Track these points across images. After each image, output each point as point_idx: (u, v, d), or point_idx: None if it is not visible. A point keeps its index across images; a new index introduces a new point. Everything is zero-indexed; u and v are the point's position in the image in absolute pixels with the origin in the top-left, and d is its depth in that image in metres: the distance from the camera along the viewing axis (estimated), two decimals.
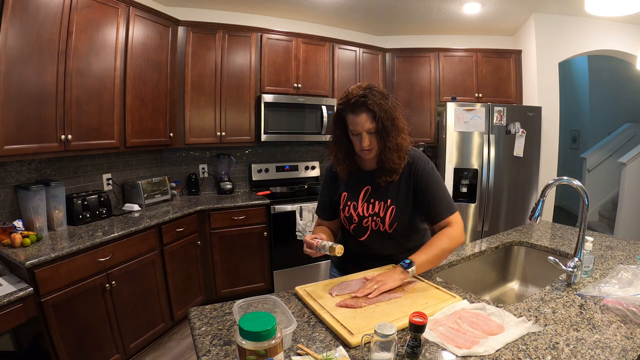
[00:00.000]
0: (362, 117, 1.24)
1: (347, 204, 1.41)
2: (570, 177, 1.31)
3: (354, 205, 1.40)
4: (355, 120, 1.25)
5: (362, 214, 1.39)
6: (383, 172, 1.33)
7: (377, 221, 1.37)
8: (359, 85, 1.28)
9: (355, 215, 1.40)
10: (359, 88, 1.25)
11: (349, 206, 1.41)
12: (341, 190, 1.44)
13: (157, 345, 2.48)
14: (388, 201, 1.35)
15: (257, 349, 0.74)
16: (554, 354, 0.88)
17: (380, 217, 1.36)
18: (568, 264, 1.27)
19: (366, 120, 1.24)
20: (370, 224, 1.38)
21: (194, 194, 3.28)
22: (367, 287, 1.18)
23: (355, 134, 1.28)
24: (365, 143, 1.26)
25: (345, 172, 1.40)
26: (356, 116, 1.24)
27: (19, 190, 2.06)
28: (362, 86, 1.26)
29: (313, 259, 3.24)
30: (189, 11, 3.19)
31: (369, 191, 1.38)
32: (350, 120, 1.26)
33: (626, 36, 3.50)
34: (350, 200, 1.41)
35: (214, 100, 3.09)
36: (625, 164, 4.15)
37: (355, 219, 1.40)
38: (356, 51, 3.68)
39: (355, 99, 1.23)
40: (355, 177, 1.41)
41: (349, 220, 1.42)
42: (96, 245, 1.96)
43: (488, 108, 3.33)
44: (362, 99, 1.22)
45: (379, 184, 1.36)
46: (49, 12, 1.94)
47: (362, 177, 1.40)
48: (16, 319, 1.56)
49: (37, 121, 1.93)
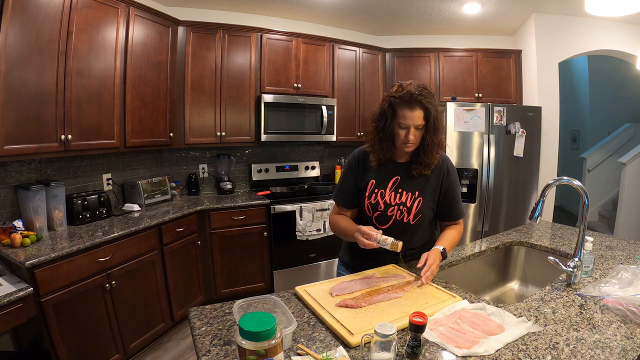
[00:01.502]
0: (416, 112, 1.30)
1: (375, 191, 1.44)
2: (570, 177, 1.32)
3: (381, 192, 1.43)
4: (410, 114, 1.30)
5: (388, 202, 1.42)
6: (419, 164, 1.40)
7: (403, 210, 1.41)
8: (410, 82, 1.34)
9: (382, 203, 1.42)
10: (413, 85, 1.32)
11: (375, 193, 1.44)
12: (369, 177, 1.46)
13: (157, 345, 2.48)
14: (416, 193, 1.41)
15: (257, 349, 0.74)
16: (554, 354, 0.88)
17: (406, 207, 1.41)
18: (568, 264, 1.27)
19: (419, 116, 1.30)
20: (395, 213, 1.42)
21: (194, 194, 3.28)
22: (432, 269, 1.26)
23: (404, 127, 1.32)
24: (411, 137, 1.32)
25: (377, 160, 1.43)
26: (411, 111, 1.30)
27: (19, 190, 2.06)
28: (416, 84, 1.33)
29: (313, 258, 3.27)
30: (189, 11, 3.19)
31: (398, 181, 1.43)
32: (404, 113, 1.31)
33: (626, 36, 3.50)
34: (378, 187, 1.44)
35: (214, 100, 3.09)
36: (625, 164, 4.15)
37: (381, 207, 1.43)
38: (356, 51, 3.68)
39: (414, 95, 1.28)
40: (385, 166, 1.44)
41: (374, 207, 1.44)
42: (96, 245, 1.96)
43: (488, 108, 3.33)
44: (420, 97, 1.29)
45: (409, 176, 1.42)
46: (49, 12, 1.94)
47: (393, 167, 1.44)
48: (16, 319, 1.56)
49: (37, 121, 1.93)
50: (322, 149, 4.00)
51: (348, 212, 1.52)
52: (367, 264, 1.44)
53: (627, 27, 3.49)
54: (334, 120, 3.49)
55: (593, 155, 5.19)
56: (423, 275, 1.24)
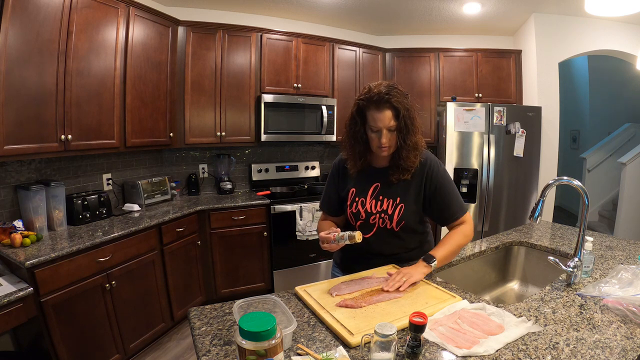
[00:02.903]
0: (385, 113, 1.24)
1: (355, 199, 1.41)
2: (570, 177, 1.31)
3: (362, 201, 1.40)
4: (378, 116, 1.25)
5: (369, 211, 1.38)
6: (397, 169, 1.34)
7: (385, 218, 1.37)
8: (379, 82, 1.28)
9: (362, 212, 1.39)
10: (381, 85, 1.26)
11: (356, 202, 1.40)
12: (349, 185, 1.43)
13: (157, 345, 2.48)
14: (397, 199, 1.36)
15: (257, 349, 0.74)
16: (554, 354, 0.88)
17: (388, 215, 1.36)
18: (568, 264, 1.27)
19: (389, 118, 1.25)
20: (378, 221, 1.38)
21: (194, 194, 3.28)
22: (396, 280, 1.18)
23: (375, 130, 1.28)
24: (384, 140, 1.27)
25: (356, 167, 1.39)
26: (379, 112, 1.25)
27: (19, 190, 2.06)
28: (384, 84, 1.26)
29: (313, 258, 3.26)
30: (189, 11, 3.19)
31: (378, 188, 1.38)
32: (373, 116, 1.26)
33: (626, 36, 3.50)
34: (359, 196, 1.40)
35: (214, 100, 3.09)
36: (625, 164, 4.15)
37: (362, 216, 1.40)
38: (356, 51, 3.68)
39: (380, 96, 1.23)
40: (364, 173, 1.40)
41: (355, 216, 1.41)
42: (96, 245, 1.96)
43: (488, 108, 3.33)
44: (387, 96, 1.23)
45: (389, 182, 1.36)
46: (49, 12, 1.94)
47: (372, 174, 1.40)
48: (16, 319, 1.56)
49: (37, 121, 1.93)
50: (322, 149, 4.00)
51: (336, 218, 1.51)
52: (359, 265, 1.41)
53: (627, 27, 3.49)
54: (334, 120, 3.49)
55: (593, 155, 5.19)
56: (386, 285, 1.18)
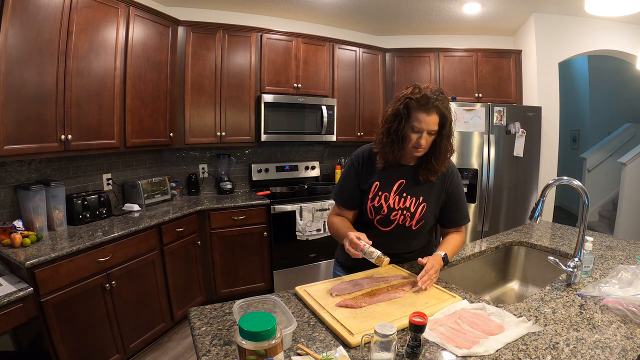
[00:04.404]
0: (432, 117, 1.26)
1: (378, 193, 1.40)
2: (570, 177, 1.32)
3: (385, 196, 1.39)
4: (425, 118, 1.26)
5: (392, 206, 1.39)
6: (427, 170, 1.37)
7: (407, 215, 1.39)
8: (427, 85, 1.29)
9: (385, 207, 1.40)
10: (430, 89, 1.27)
11: (379, 196, 1.40)
12: (373, 179, 1.41)
13: (157, 345, 2.48)
14: (421, 198, 1.39)
15: (257, 349, 0.74)
16: (554, 354, 0.88)
17: (410, 213, 1.39)
18: (568, 264, 1.27)
19: (434, 122, 1.27)
20: (399, 217, 1.39)
21: (194, 194, 3.28)
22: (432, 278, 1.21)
23: (417, 131, 1.29)
24: (423, 141, 1.29)
25: (384, 162, 1.39)
26: (427, 115, 1.26)
27: (19, 190, 2.06)
28: (432, 87, 1.28)
29: (313, 258, 3.26)
30: (189, 11, 3.19)
31: (403, 185, 1.39)
32: (419, 117, 1.27)
33: (626, 36, 3.50)
34: (382, 190, 1.40)
35: (214, 100, 3.09)
36: (625, 164, 4.15)
37: (384, 210, 1.40)
38: (356, 51, 3.68)
39: (431, 99, 1.25)
40: (391, 168, 1.40)
41: (376, 210, 1.41)
42: (96, 245, 1.96)
43: (488, 108, 3.33)
44: (437, 101, 1.25)
45: (415, 180, 1.39)
46: (49, 12, 1.94)
47: (399, 171, 1.41)
48: (16, 319, 1.56)
49: (37, 121, 1.93)
50: (322, 149, 4.00)
51: (348, 212, 1.48)
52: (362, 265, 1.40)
53: (627, 27, 3.48)
54: (334, 120, 3.49)
55: (593, 155, 5.19)
56: (419, 280, 1.19)
